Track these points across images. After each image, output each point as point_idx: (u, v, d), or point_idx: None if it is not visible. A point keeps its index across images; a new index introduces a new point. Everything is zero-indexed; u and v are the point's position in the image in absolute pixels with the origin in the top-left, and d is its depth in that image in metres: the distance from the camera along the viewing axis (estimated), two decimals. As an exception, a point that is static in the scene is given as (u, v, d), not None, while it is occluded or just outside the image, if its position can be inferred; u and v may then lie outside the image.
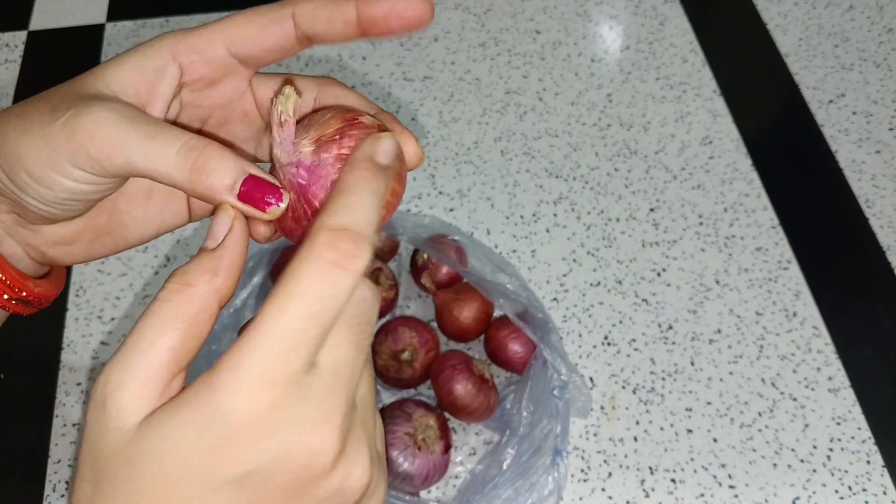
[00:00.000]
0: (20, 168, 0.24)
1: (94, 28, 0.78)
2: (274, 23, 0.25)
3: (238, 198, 0.23)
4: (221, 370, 0.19)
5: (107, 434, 0.20)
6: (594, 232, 0.63)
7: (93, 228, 0.27)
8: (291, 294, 0.20)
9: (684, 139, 0.69)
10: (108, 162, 0.23)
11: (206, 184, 0.23)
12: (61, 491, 0.50)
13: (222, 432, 0.19)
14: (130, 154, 0.23)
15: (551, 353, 0.49)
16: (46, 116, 0.23)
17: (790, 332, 0.57)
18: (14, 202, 0.25)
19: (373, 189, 0.22)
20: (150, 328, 0.21)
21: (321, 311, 0.20)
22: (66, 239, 0.27)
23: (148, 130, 0.23)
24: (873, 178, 0.66)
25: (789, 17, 0.79)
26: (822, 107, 0.71)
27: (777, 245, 0.62)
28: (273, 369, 0.19)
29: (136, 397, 0.20)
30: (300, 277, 0.20)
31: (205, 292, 0.21)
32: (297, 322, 0.19)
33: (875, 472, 0.51)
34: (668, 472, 0.51)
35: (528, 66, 0.75)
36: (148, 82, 0.25)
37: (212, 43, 0.25)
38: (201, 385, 0.20)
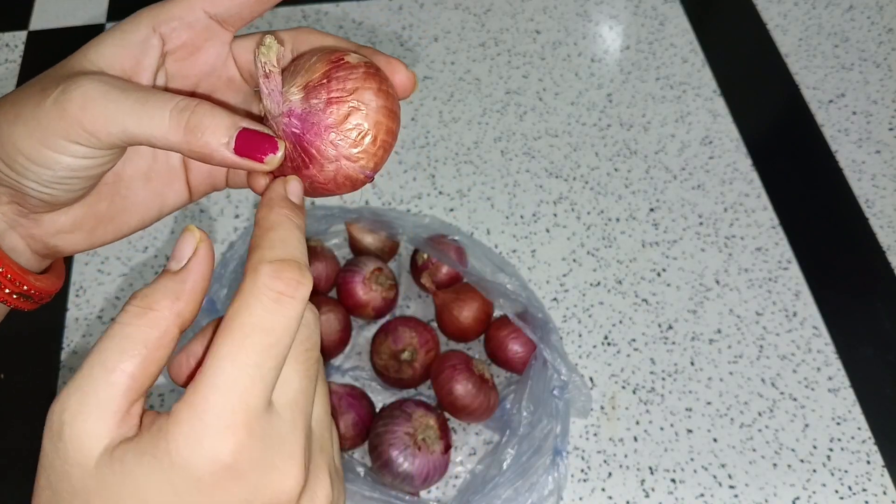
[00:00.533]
0: (16, 152, 0.24)
1: (94, 28, 0.78)
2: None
3: (234, 152, 0.23)
4: (181, 417, 0.19)
5: (65, 467, 0.19)
6: (594, 232, 0.63)
7: (94, 215, 0.28)
8: (245, 329, 0.20)
9: (684, 139, 0.69)
10: (102, 132, 0.23)
11: (201, 142, 0.23)
12: (61, 491, 0.50)
13: (186, 482, 0.19)
14: (124, 121, 0.23)
15: (551, 353, 0.49)
16: (36, 98, 0.23)
17: (790, 332, 0.57)
18: (15, 191, 0.25)
19: (296, 224, 0.22)
20: (110, 353, 0.20)
21: (276, 341, 0.20)
22: (67, 227, 0.27)
23: (139, 96, 0.23)
24: (873, 178, 0.66)
25: (789, 17, 0.79)
26: (822, 107, 0.71)
27: (777, 245, 0.62)
28: (234, 412, 0.19)
29: (94, 427, 0.19)
30: (251, 311, 0.20)
31: (166, 317, 0.21)
32: (255, 356, 0.19)
33: (875, 471, 0.51)
34: (668, 472, 0.51)
35: (528, 66, 0.75)
36: (131, 56, 0.25)
37: (190, 8, 0.26)
38: (161, 431, 0.19)
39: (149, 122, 0.23)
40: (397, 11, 0.79)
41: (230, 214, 0.64)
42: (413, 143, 0.69)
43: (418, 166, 0.67)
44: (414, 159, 0.68)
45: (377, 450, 0.47)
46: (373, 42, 0.76)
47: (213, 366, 0.19)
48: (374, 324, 0.57)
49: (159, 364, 0.21)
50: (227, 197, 0.65)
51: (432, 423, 0.48)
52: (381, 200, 0.65)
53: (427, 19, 0.79)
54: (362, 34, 0.77)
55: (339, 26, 0.78)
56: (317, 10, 0.79)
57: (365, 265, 0.55)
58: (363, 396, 0.51)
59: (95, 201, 0.27)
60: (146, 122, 0.23)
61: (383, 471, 0.47)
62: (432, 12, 0.79)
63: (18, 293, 0.27)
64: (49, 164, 0.24)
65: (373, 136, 0.23)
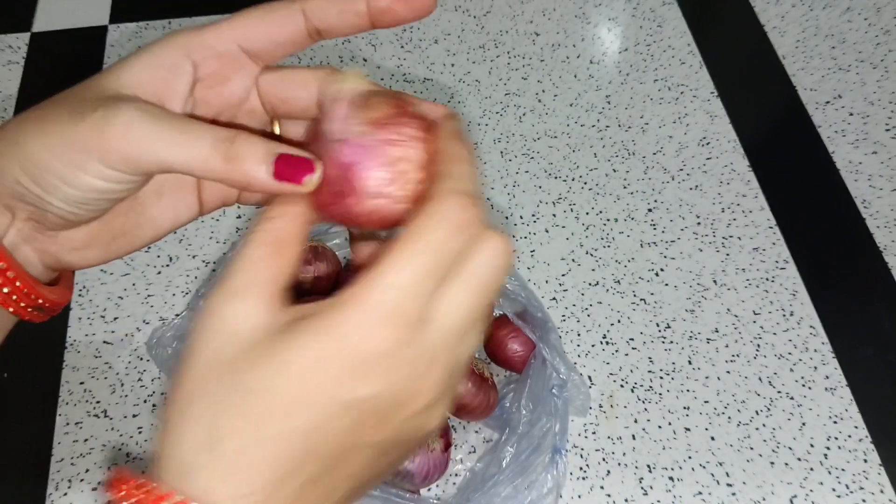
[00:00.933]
0: (46, 171, 0.24)
1: (96, 30, 0.78)
2: (285, 18, 0.26)
3: (274, 177, 0.24)
4: (351, 303, 0.21)
5: (226, 338, 0.22)
6: (593, 232, 0.63)
7: (109, 231, 0.28)
8: (422, 244, 0.21)
9: (682, 140, 0.69)
10: (142, 160, 0.24)
11: (241, 171, 0.24)
12: (64, 490, 0.50)
13: (348, 361, 0.21)
14: (165, 151, 0.23)
15: (550, 352, 0.50)
16: (67, 118, 0.24)
17: (787, 331, 0.58)
18: (34, 208, 0.25)
19: (474, 160, 0.24)
20: (252, 249, 0.23)
21: (446, 264, 0.22)
22: (82, 243, 0.28)
23: (179, 126, 0.24)
24: (870, 179, 0.67)
25: (787, 19, 0.79)
26: (819, 108, 0.72)
27: (774, 245, 0.63)
28: (399, 311, 0.21)
29: (252, 306, 0.22)
30: (433, 231, 0.22)
31: (298, 218, 0.24)
32: (425, 271, 0.21)
33: (872, 470, 0.51)
34: (666, 470, 0.51)
35: (528, 68, 0.75)
36: (163, 80, 0.25)
37: (223, 38, 0.26)
38: (330, 313, 0.21)
39: (189, 152, 0.23)
40: (397, 13, 0.79)
41: (232, 215, 0.64)
42: (413, 144, 0.69)
43: (418, 167, 0.67)
44: (414, 160, 0.68)
45: (378, 448, 0.48)
46: (373, 44, 0.77)
47: (387, 268, 0.21)
48: (375, 323, 0.57)
49: (295, 260, 0.24)
50: (228, 197, 0.65)
51: (432, 421, 0.49)
52: (381, 201, 0.65)
53: (427, 21, 0.79)
54: (362, 36, 0.77)
55: (339, 28, 0.78)
56: (317, 12, 0.79)
57: (365, 265, 0.55)
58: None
59: (111, 218, 0.28)
60: (186, 153, 0.23)
61: (384, 469, 0.47)
62: (432, 14, 0.80)
63: (32, 306, 0.28)
64: (79, 186, 0.24)
65: (414, 184, 0.24)
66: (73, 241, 0.27)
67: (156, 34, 0.77)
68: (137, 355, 0.56)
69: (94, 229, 0.28)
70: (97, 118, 0.24)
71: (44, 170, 0.24)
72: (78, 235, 0.27)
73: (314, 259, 0.56)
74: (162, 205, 0.29)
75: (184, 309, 0.59)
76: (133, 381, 0.55)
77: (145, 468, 0.52)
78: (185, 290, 0.60)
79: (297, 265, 0.24)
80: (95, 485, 0.51)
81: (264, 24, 0.26)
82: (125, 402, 0.54)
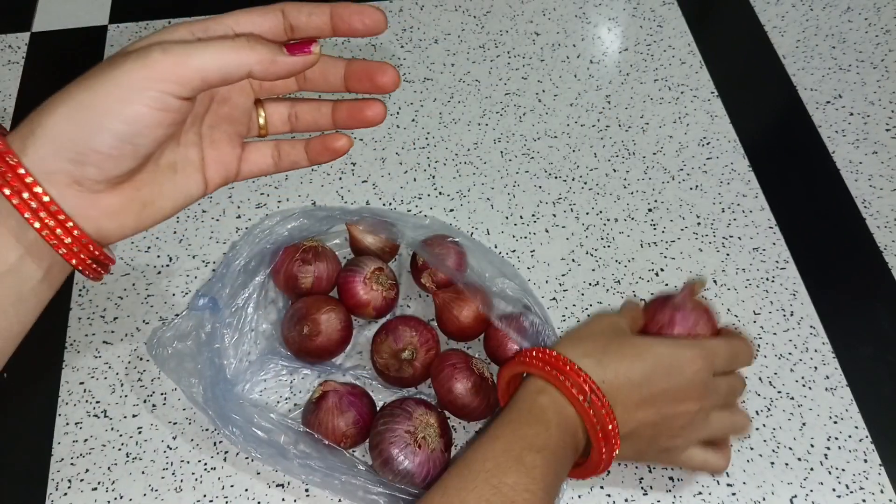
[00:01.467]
0: (94, 113, 0.28)
1: (96, 30, 0.78)
2: (267, 13, 0.32)
3: (287, 49, 0.31)
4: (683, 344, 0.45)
5: (611, 325, 0.47)
6: (593, 232, 0.63)
7: (139, 199, 0.32)
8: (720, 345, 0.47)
9: (682, 140, 0.69)
10: (185, 75, 0.28)
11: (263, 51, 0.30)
12: (63, 490, 0.50)
13: (678, 375, 0.44)
14: (200, 57, 0.28)
15: None
16: (107, 69, 0.28)
17: (787, 331, 0.58)
18: (77, 165, 0.29)
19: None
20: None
21: (725, 362, 0.47)
22: (118, 209, 0.32)
23: (205, 42, 0.29)
24: (870, 179, 0.67)
25: (787, 19, 0.79)
26: (819, 108, 0.72)
27: (774, 245, 0.63)
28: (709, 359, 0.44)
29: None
30: (720, 346, 0.48)
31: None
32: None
33: (872, 470, 0.51)
34: (666, 470, 0.51)
35: (528, 68, 0.75)
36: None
37: (220, 26, 0.32)
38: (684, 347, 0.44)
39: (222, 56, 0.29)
40: (397, 13, 0.80)
41: (232, 215, 0.64)
42: (413, 144, 0.69)
43: (418, 167, 0.67)
44: (414, 160, 0.68)
45: (378, 448, 0.48)
46: (373, 43, 0.77)
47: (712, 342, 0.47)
48: (375, 323, 0.57)
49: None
50: (228, 197, 0.65)
51: (433, 421, 0.49)
52: (381, 201, 0.65)
53: (427, 21, 0.79)
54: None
55: (339, 28, 0.78)
56: (317, 11, 0.79)
57: (366, 265, 0.55)
58: (364, 395, 0.52)
59: (139, 186, 0.32)
60: (220, 57, 0.29)
61: (384, 469, 0.47)
62: (432, 14, 0.80)
63: (91, 258, 0.31)
64: (128, 119, 0.28)
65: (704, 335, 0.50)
66: (111, 207, 0.31)
67: (156, 34, 0.77)
68: (137, 355, 0.56)
69: (127, 196, 0.32)
70: (136, 56, 0.28)
71: (91, 113, 0.28)
72: (115, 200, 0.31)
73: (314, 259, 0.56)
74: (175, 180, 0.34)
75: (184, 309, 0.58)
76: (133, 381, 0.55)
77: (144, 468, 0.52)
78: (185, 290, 0.60)
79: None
80: (95, 485, 0.51)
81: (251, 17, 0.32)
82: (125, 403, 0.54)
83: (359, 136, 0.70)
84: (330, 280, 0.57)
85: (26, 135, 0.29)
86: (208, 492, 0.50)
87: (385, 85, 0.33)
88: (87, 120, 0.28)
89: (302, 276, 0.55)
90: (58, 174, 0.29)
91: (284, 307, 0.58)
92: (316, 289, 0.56)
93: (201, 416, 0.53)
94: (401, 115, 0.71)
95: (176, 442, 0.52)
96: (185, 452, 0.52)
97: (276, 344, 0.56)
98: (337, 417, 0.49)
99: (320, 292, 0.57)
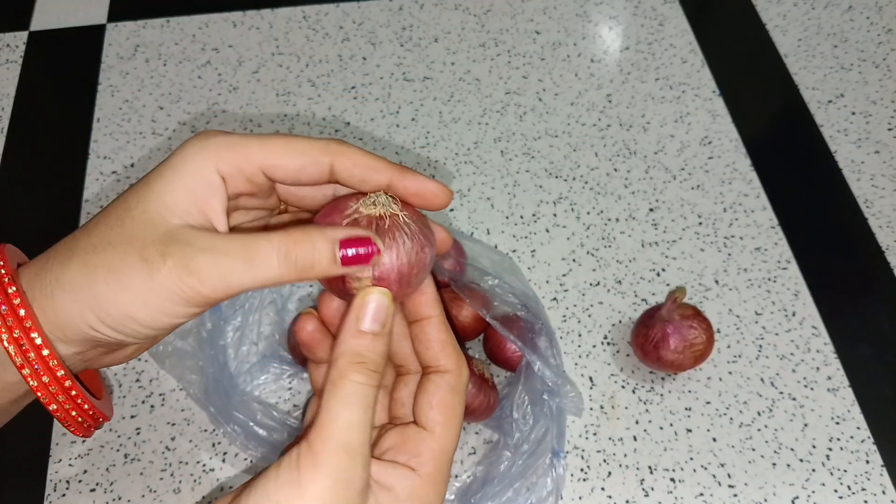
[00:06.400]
0: (129, 319, 0.26)
1: (94, 28, 0.78)
2: (313, 165, 0.28)
3: (342, 265, 0.26)
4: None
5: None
6: (594, 232, 0.63)
7: (153, 341, 0.31)
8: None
9: (683, 139, 0.69)
10: (220, 294, 0.26)
11: (313, 273, 0.26)
12: (62, 490, 0.50)
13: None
14: (240, 282, 0.26)
15: (539, 359, 0.49)
16: (141, 268, 0.26)
17: (789, 331, 0.58)
18: (92, 343, 0.28)
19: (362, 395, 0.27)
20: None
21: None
22: (124, 356, 0.31)
23: (244, 254, 0.26)
24: (872, 178, 0.66)
25: (788, 18, 0.79)
26: (821, 107, 0.71)
27: (776, 245, 0.62)
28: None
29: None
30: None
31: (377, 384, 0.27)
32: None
33: (874, 471, 0.51)
34: (668, 472, 0.51)
35: (528, 67, 0.75)
36: (205, 200, 0.27)
37: (251, 163, 0.28)
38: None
39: (263, 274, 0.26)
40: (397, 12, 0.79)
41: (231, 214, 0.64)
42: (413, 144, 0.69)
43: (418, 167, 0.67)
44: (414, 159, 0.68)
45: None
46: (372, 42, 0.76)
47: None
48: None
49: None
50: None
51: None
52: (381, 200, 0.65)
53: (427, 20, 0.79)
54: (362, 35, 0.77)
55: (339, 27, 0.78)
56: (317, 10, 0.79)
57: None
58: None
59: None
60: (261, 275, 0.26)
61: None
62: (432, 13, 0.79)
63: (85, 418, 0.30)
64: (159, 327, 0.27)
65: (700, 350, 0.52)
66: (122, 357, 0.31)
67: (154, 33, 0.77)
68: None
69: (143, 345, 0.31)
70: (172, 267, 0.25)
71: (126, 319, 0.26)
72: (128, 351, 0.31)
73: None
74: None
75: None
76: (131, 382, 0.55)
77: (143, 469, 0.52)
78: (184, 290, 0.60)
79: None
80: (94, 486, 0.50)
81: (292, 163, 0.28)
82: (123, 403, 0.54)
83: (358, 135, 0.70)
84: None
85: (46, 294, 0.27)
86: (207, 493, 0.50)
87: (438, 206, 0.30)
88: (120, 325, 0.27)
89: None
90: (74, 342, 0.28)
91: (283, 307, 0.57)
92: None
93: (200, 417, 0.53)
94: (400, 114, 0.71)
95: (174, 443, 0.52)
96: (183, 453, 0.52)
97: (275, 345, 0.56)
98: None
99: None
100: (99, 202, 0.64)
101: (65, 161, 0.68)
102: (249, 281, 0.25)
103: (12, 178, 0.66)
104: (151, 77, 0.73)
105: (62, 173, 0.67)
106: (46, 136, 0.70)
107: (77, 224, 0.63)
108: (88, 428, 0.30)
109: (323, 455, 0.25)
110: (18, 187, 0.66)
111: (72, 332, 0.27)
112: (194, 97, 0.72)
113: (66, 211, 0.64)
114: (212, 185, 0.27)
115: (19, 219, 0.63)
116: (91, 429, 0.30)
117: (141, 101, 0.72)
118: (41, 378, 0.27)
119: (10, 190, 0.65)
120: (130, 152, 0.68)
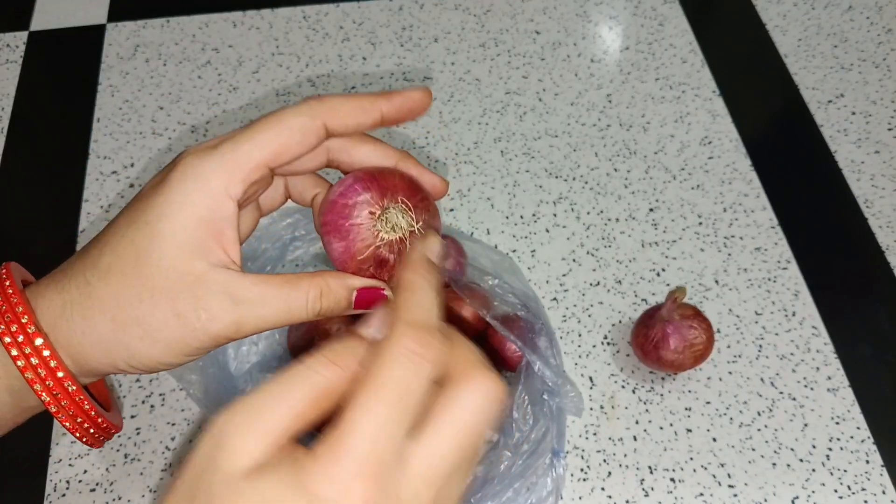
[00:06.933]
0: (157, 364, 0.28)
1: (94, 28, 0.78)
2: (312, 135, 0.28)
3: (354, 307, 0.29)
4: (319, 454, 0.21)
5: (212, 472, 0.21)
6: (594, 232, 0.63)
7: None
8: (379, 381, 0.21)
9: (683, 139, 0.69)
10: (243, 335, 0.27)
11: (334, 316, 0.29)
12: (62, 490, 0.50)
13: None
14: (272, 326, 0.27)
15: (539, 359, 0.49)
16: (174, 322, 0.27)
17: (789, 331, 0.58)
18: (101, 375, 0.29)
19: (431, 285, 0.26)
20: (287, 387, 0.22)
21: (407, 395, 0.22)
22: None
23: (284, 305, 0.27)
24: (872, 178, 0.66)
25: (788, 18, 0.79)
26: (821, 107, 0.71)
27: (776, 245, 0.62)
28: (365, 460, 0.20)
29: (251, 445, 0.21)
30: (386, 366, 0.22)
31: (343, 376, 0.23)
32: (387, 408, 0.21)
33: (874, 471, 0.51)
34: (668, 472, 0.51)
35: (528, 67, 0.75)
36: (219, 232, 0.27)
37: (254, 169, 0.27)
38: (299, 463, 0.21)
39: (293, 320, 0.28)
40: (397, 12, 0.79)
41: (231, 214, 0.64)
42: (413, 144, 0.69)
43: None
44: (414, 159, 0.68)
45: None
46: (372, 42, 0.76)
47: (351, 414, 0.21)
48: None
49: (321, 414, 0.23)
50: (227, 197, 0.65)
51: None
52: (381, 200, 0.65)
53: (427, 20, 0.79)
54: (362, 35, 0.77)
55: (339, 27, 0.78)
56: (317, 10, 0.79)
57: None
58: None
59: None
60: (291, 321, 0.28)
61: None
62: (432, 13, 0.79)
63: (96, 429, 0.30)
64: (183, 362, 0.29)
65: (700, 349, 0.51)
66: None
67: (154, 32, 0.77)
68: (136, 356, 0.56)
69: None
70: (208, 322, 0.27)
71: (155, 364, 0.28)
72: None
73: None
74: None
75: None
76: (131, 382, 0.55)
77: (143, 469, 0.52)
78: (184, 290, 0.60)
79: (321, 418, 0.23)
80: (94, 486, 0.50)
81: (290, 141, 0.27)
82: (123, 403, 0.54)
83: (358, 135, 0.69)
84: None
85: (67, 323, 0.27)
86: (207, 493, 0.50)
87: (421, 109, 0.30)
88: (146, 367, 0.28)
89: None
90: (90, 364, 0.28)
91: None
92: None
93: (199, 417, 0.53)
94: (401, 114, 0.71)
95: (174, 443, 0.52)
96: (183, 454, 0.52)
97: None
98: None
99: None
100: (99, 202, 0.64)
101: (65, 161, 0.68)
102: (279, 325, 0.27)
103: (12, 178, 0.66)
104: (151, 77, 0.73)
105: (62, 173, 0.67)
106: (46, 136, 0.70)
107: (77, 224, 0.63)
108: (101, 440, 0.31)
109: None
110: (18, 187, 0.66)
111: (93, 370, 0.28)
112: (194, 97, 0.72)
113: (66, 211, 0.64)
114: (224, 214, 0.27)
115: (19, 219, 0.63)
116: (103, 440, 0.31)
117: (141, 101, 0.72)
118: (53, 393, 0.28)
119: (10, 190, 0.65)
120: (130, 152, 0.68)
